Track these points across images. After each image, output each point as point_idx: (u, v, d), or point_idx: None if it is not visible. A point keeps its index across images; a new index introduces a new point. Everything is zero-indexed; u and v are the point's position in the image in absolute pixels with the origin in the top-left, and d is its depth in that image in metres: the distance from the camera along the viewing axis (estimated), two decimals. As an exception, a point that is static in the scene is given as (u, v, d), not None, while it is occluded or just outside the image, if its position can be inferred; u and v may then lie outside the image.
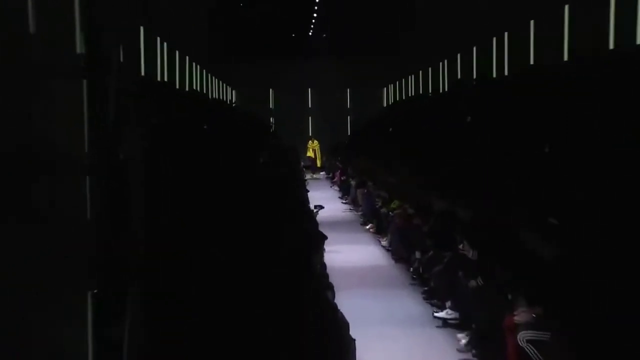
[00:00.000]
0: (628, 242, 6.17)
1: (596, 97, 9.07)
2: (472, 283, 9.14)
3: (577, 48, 14.20)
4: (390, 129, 23.71)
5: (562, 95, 10.24)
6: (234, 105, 30.26)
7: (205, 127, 13.23)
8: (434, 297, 11.06)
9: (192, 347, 4.59)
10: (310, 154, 36.02)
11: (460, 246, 10.20)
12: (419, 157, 15.64)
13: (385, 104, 39.26)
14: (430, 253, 11.75)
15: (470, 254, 9.72)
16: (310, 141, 36.49)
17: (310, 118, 40.60)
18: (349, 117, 40.43)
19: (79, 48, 3.61)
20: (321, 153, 36.35)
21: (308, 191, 21.93)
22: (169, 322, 4.49)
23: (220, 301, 4.83)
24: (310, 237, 8.04)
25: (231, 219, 6.19)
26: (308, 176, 32.51)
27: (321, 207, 17.45)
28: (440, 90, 25.46)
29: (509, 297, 7.69)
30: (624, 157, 7.36)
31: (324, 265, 9.60)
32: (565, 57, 14.62)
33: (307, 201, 16.22)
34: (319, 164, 36.06)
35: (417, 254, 12.61)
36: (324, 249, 10.33)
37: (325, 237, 9.02)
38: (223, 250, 5.35)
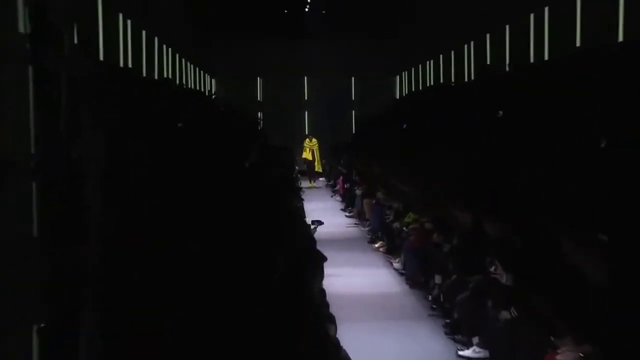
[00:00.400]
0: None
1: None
2: (505, 314, 9.11)
3: (636, 26, 14.19)
4: (404, 126, 23.68)
5: (617, 82, 10.22)
6: (214, 97, 30.27)
7: (179, 124, 13.21)
8: (457, 331, 11.04)
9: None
10: (307, 155, 35.80)
11: (492, 269, 10.18)
12: (438, 161, 15.62)
13: (397, 95, 39.25)
14: (453, 277, 11.73)
15: (504, 278, 9.69)
16: (307, 139, 36.29)
17: (306, 113, 40.62)
18: (353, 112, 40.45)
19: (23, 26, 3.58)
20: (320, 155, 36.25)
21: (303, 200, 21.93)
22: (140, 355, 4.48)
23: (205, 344, 4.82)
24: (307, 259, 8.02)
25: (211, 237, 6.15)
26: (304, 184, 32.48)
27: (320, 222, 17.43)
28: (465, 79, 25.44)
29: (550, 332, 7.66)
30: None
31: (323, 293, 9.57)
32: (621, 38, 14.61)
33: (303, 215, 16.19)
34: (317, 169, 35.96)
35: (437, 279, 12.59)
36: (324, 273, 10.26)
37: (325, 259, 9.00)
38: (204, 279, 5.33)
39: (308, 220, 16.06)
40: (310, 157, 35.71)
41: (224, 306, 5.28)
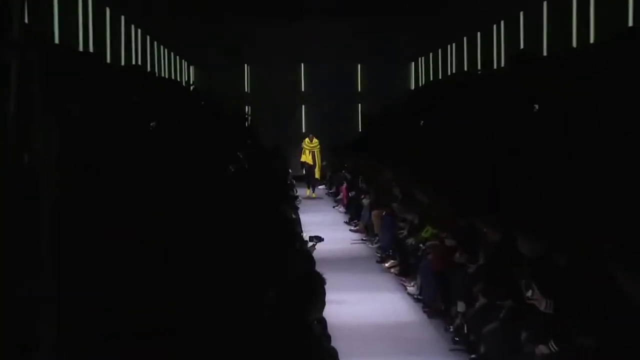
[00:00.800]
0: None
1: None
2: (543, 349, 9.09)
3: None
4: (422, 123, 23.70)
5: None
6: (192, 88, 30.30)
7: (151, 123, 13.23)
8: (485, 369, 11.04)
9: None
10: (306, 158, 35.19)
11: (529, 293, 10.11)
12: (462, 164, 15.61)
13: (412, 86, 39.23)
14: (480, 304, 11.72)
15: (542, 305, 9.65)
16: (307, 139, 35.61)
17: (303, 107, 40.57)
18: (359, 106, 40.39)
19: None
20: (322, 158, 35.75)
21: (299, 210, 21.89)
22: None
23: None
24: (304, 283, 8.01)
25: (189, 258, 6.15)
26: (301, 192, 32.39)
27: (319, 238, 17.42)
28: (494, 66, 25.43)
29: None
30: None
31: (323, 323, 9.56)
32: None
33: (299, 229, 16.18)
34: (317, 175, 35.51)
35: (461, 306, 12.56)
36: (324, 300, 10.22)
37: (324, 282, 9.01)
38: (180, 310, 5.33)
39: (305, 236, 16.06)
40: (310, 161, 34.90)
41: (206, 343, 5.29)
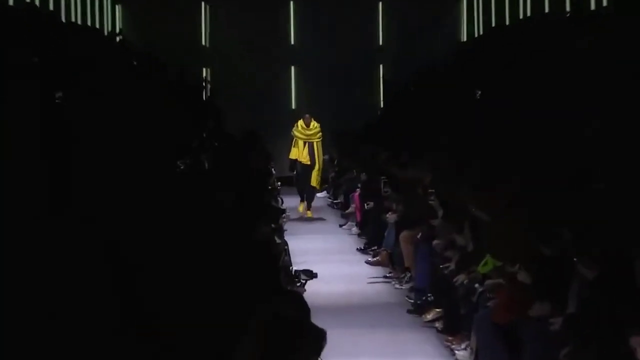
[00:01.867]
0: None
1: None
2: None
3: None
4: (478, 94, 23.77)
5: None
6: (118, 39, 30.30)
7: (57, 93, 13.28)
8: None
9: None
10: (299, 154, 34.65)
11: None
12: (543, 159, 15.63)
13: (464, 37, 39.32)
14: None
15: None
16: (301, 123, 35.04)
17: (293, 69, 40.66)
18: (381, 67, 40.48)
19: None
20: (324, 152, 35.21)
21: (285, 231, 21.94)
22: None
23: None
24: (294, 337, 8.07)
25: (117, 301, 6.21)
26: (291, 204, 32.33)
27: (311, 274, 17.54)
28: (591, 5, 25.47)
29: None
30: None
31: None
32: None
33: (286, 261, 16.23)
34: (315, 182, 35.03)
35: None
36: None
37: (323, 334, 9.06)
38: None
39: (292, 270, 16.13)
40: (305, 159, 34.20)
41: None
